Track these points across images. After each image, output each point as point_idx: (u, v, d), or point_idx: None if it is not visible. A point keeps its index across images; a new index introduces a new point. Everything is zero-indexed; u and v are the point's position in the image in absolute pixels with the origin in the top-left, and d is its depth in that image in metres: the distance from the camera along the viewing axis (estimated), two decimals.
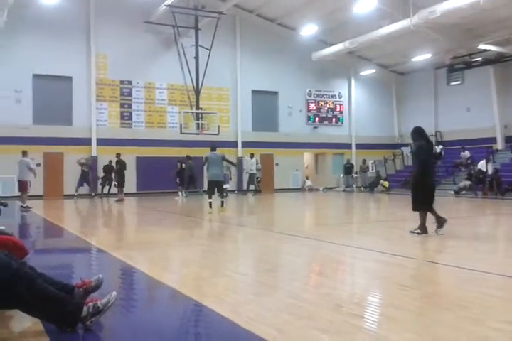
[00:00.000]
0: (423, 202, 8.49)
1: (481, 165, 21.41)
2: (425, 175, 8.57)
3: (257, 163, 24.17)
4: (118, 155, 20.26)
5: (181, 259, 6.99)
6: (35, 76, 22.55)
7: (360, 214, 15.55)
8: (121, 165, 20.11)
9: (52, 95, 22.92)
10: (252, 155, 24.13)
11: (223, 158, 13.79)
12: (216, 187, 13.76)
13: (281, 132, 27.88)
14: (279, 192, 24.02)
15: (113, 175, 20.88)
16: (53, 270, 5.45)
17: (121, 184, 19.93)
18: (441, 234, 8.35)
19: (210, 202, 13.71)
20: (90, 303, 3.58)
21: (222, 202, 13.57)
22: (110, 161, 21.23)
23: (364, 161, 27.30)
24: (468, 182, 21.67)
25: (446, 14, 19.18)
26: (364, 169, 27.18)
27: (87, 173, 21.48)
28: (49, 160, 22.22)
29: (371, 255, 6.95)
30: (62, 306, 3.51)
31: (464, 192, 21.32)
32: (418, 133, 8.79)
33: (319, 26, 25.39)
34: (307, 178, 28.29)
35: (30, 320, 3.73)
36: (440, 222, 8.47)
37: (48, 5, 21.89)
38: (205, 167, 14.08)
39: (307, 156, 29.50)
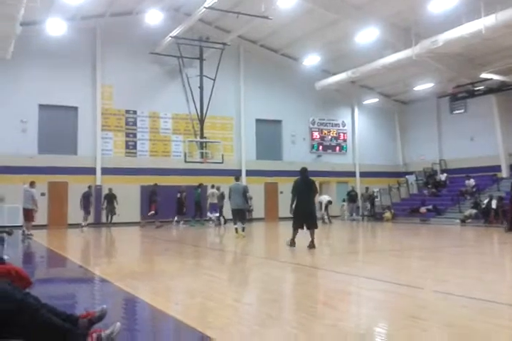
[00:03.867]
0: (295, 224, 11.48)
1: (486, 204, 21.15)
2: (297, 204, 11.31)
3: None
4: (110, 190, 21.70)
5: (186, 289, 6.92)
6: (41, 106, 22.78)
7: (365, 243, 15.43)
8: (111, 196, 21.35)
9: (57, 125, 23.12)
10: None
11: (245, 190, 15.06)
12: (238, 214, 15.04)
13: (285, 160, 27.93)
14: (284, 220, 23.81)
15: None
16: (57, 300, 5.42)
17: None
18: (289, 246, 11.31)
19: (236, 228, 15.00)
20: (94, 334, 3.56)
21: (244, 228, 14.99)
22: (110, 189, 21.85)
23: (367, 189, 27.20)
24: (474, 211, 21.52)
25: (448, 44, 19.39)
26: (366, 197, 27.03)
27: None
28: (53, 190, 22.25)
29: (377, 285, 6.88)
30: (67, 337, 3.47)
31: (469, 220, 21.16)
32: (300, 172, 11.49)
33: (322, 56, 25.75)
34: None
35: None
36: (310, 245, 11.01)
37: (55, 36, 22.19)
38: (227, 196, 15.86)
39: None
